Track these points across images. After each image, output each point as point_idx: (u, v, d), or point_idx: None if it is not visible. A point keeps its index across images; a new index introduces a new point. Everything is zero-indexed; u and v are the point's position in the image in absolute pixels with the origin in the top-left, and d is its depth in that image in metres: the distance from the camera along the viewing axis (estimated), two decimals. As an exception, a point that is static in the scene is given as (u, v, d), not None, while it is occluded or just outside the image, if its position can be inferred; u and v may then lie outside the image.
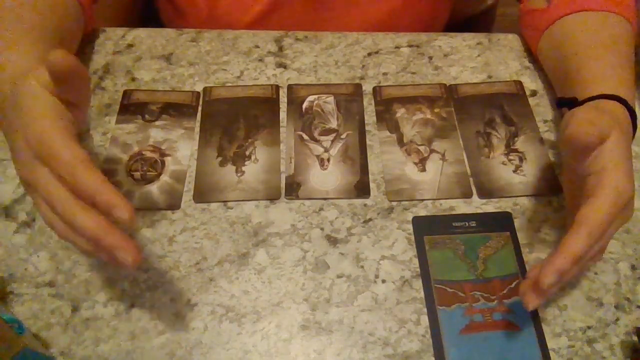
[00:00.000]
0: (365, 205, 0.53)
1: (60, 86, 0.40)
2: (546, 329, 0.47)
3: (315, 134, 0.58)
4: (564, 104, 0.52)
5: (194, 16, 0.68)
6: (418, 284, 0.49)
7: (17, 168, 0.43)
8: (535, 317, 0.47)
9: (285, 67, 0.63)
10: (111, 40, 0.65)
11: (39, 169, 0.39)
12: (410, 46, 0.66)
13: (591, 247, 0.40)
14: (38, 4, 0.53)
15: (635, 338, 0.46)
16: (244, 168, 0.55)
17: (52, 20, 0.53)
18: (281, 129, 0.58)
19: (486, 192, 0.54)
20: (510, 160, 0.56)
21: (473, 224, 0.52)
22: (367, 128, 0.59)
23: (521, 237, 0.51)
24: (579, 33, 0.56)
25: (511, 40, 0.68)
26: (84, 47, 0.63)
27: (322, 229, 0.52)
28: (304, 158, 0.56)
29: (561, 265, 0.39)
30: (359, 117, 0.59)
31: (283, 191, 0.54)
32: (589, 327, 0.47)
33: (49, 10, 0.53)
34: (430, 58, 0.65)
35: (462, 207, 0.53)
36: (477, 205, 0.53)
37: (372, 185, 0.54)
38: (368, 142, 0.57)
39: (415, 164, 0.56)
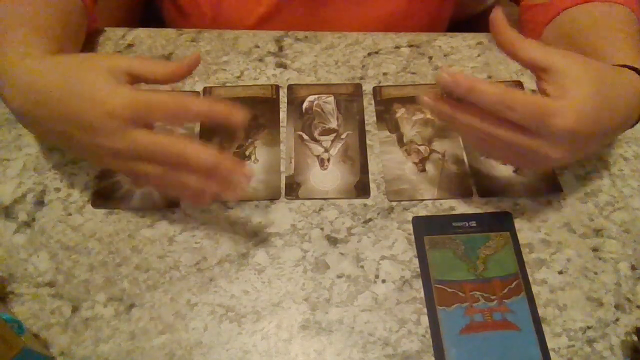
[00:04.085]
0: (365, 205, 0.53)
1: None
2: (546, 329, 0.47)
3: (315, 134, 0.58)
4: None
5: (197, 19, 0.68)
6: (418, 284, 0.49)
7: (103, 144, 0.42)
8: (535, 317, 0.47)
9: (285, 67, 0.63)
10: (111, 40, 0.65)
11: (135, 132, 0.41)
12: (410, 46, 0.66)
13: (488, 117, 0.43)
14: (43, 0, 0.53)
15: (635, 338, 0.46)
16: (244, 168, 0.55)
17: (59, 19, 0.53)
18: (281, 129, 0.58)
19: (486, 192, 0.54)
20: (510, 160, 0.56)
21: (473, 224, 0.52)
22: (367, 128, 0.59)
23: (521, 237, 0.51)
24: (587, 20, 0.57)
25: (511, 40, 0.68)
26: (84, 47, 0.62)
27: (322, 229, 0.52)
28: (304, 158, 0.56)
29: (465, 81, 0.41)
30: (359, 117, 0.59)
31: (283, 191, 0.54)
32: (589, 327, 0.47)
33: (55, 6, 0.53)
34: (430, 58, 0.65)
35: (462, 207, 0.53)
36: (477, 205, 0.53)
37: (372, 185, 0.54)
38: (368, 142, 0.57)
39: (415, 164, 0.56)
